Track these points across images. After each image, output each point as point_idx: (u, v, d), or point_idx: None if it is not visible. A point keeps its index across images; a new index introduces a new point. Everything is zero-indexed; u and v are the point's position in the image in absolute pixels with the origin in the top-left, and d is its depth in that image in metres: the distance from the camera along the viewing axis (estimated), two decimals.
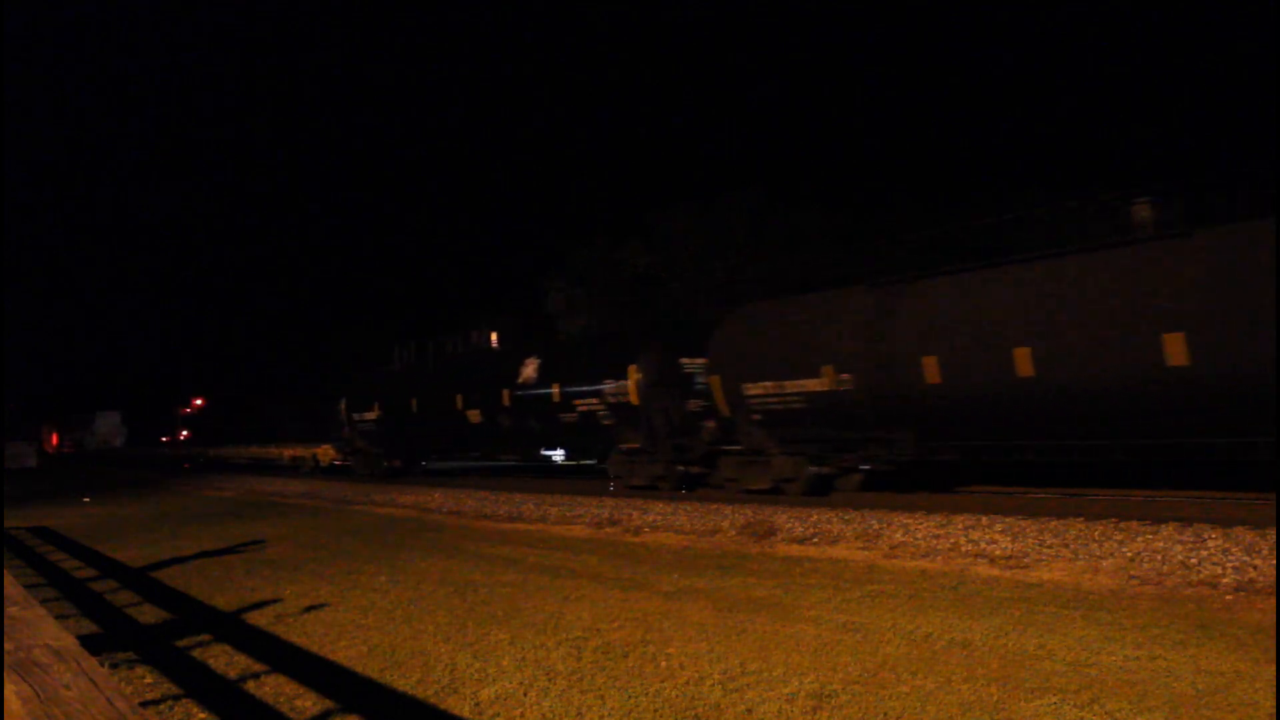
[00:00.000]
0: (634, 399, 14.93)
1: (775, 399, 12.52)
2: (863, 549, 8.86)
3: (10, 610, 2.73)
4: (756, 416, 12.87)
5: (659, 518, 11.72)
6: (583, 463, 23.46)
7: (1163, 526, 8.34)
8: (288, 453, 30.92)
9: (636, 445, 15.26)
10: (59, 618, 4.70)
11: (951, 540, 8.73)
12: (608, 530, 11.34)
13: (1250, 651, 4.83)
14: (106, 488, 26.38)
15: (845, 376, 11.56)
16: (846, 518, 10.33)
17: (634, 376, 14.93)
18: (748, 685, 4.58)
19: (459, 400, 19.22)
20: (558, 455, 24.31)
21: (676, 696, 4.45)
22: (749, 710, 4.21)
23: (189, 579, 8.68)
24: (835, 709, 4.18)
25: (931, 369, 10.61)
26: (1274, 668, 4.46)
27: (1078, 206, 11.92)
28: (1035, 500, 11.29)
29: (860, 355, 11.43)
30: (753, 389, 12.79)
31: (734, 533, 10.28)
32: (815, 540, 9.48)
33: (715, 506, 12.14)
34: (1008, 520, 9.26)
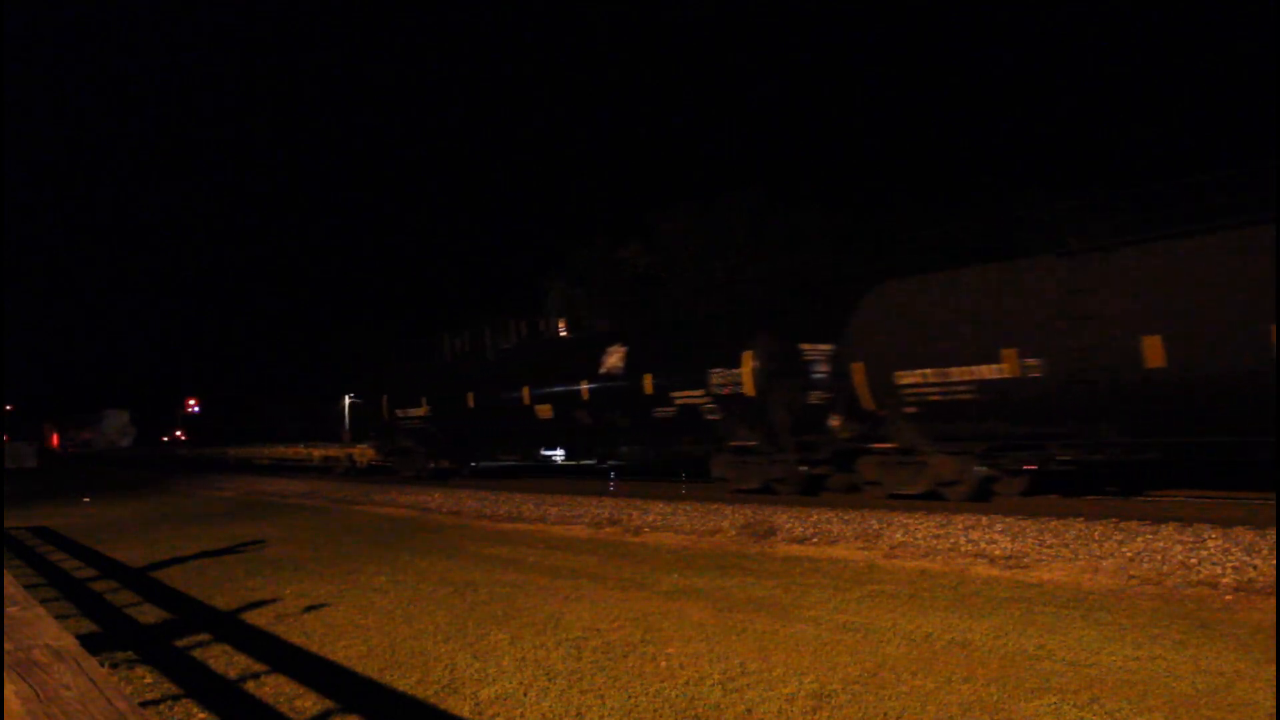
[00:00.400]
0: (750, 390, 13.17)
1: (937, 389, 10.89)
2: (863, 549, 8.86)
3: (10, 610, 2.73)
4: (911, 409, 11.24)
5: (659, 518, 11.72)
6: (582, 463, 22.90)
7: (1163, 526, 8.34)
8: (317, 453, 28.55)
9: (750, 443, 13.49)
10: (59, 618, 4.69)
11: (951, 540, 8.73)
12: (608, 530, 11.34)
13: (1250, 651, 4.83)
14: (106, 488, 26.38)
15: (1032, 361, 9.97)
16: (846, 518, 10.33)
17: (750, 364, 13.16)
18: (748, 685, 4.58)
19: (525, 394, 17.41)
20: (557, 455, 23.67)
21: (676, 696, 4.45)
22: (749, 710, 4.21)
23: (189, 579, 8.68)
24: (835, 709, 4.18)
25: (1154, 351, 9.09)
26: (1274, 668, 4.46)
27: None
28: (1035, 500, 11.29)
29: (1054, 336, 9.80)
30: (907, 378, 11.14)
31: (734, 533, 10.28)
32: (815, 540, 9.47)
33: (715, 506, 12.13)
34: (1008, 520, 9.26)
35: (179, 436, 59.59)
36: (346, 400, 59.54)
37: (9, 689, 1.84)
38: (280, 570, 9.03)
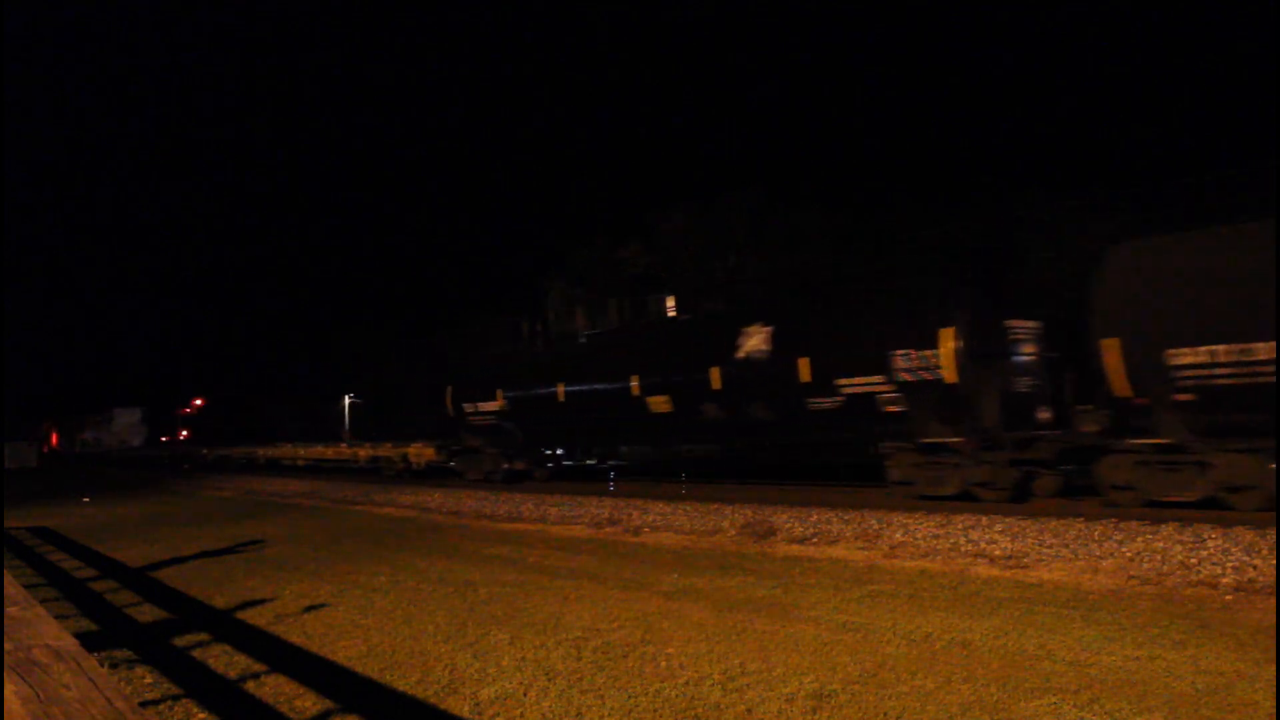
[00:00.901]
0: (951, 375, 10.95)
1: (1228, 371, 8.94)
2: (863, 549, 8.86)
3: (10, 610, 2.73)
4: (1186, 396, 9.31)
5: (659, 518, 11.72)
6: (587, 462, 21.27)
7: (1163, 526, 8.34)
8: (364, 453, 25.35)
9: (949, 439, 11.34)
10: (59, 618, 4.69)
11: (951, 540, 8.73)
12: (608, 530, 11.34)
13: (1250, 651, 4.83)
14: (106, 488, 26.38)
15: None
16: (846, 518, 10.33)
17: (949, 344, 10.93)
18: (748, 685, 4.58)
19: (634, 384, 14.99)
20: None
21: (676, 696, 4.45)
22: (749, 710, 4.21)
23: (189, 579, 8.67)
24: (835, 709, 4.18)
25: None
26: (1274, 668, 4.46)
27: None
28: (1035, 500, 11.28)
29: None
30: (1185, 356, 9.22)
31: (734, 533, 10.28)
32: (815, 540, 9.47)
33: (715, 506, 12.12)
34: (1008, 520, 9.26)
35: (179, 437, 58.79)
36: (346, 400, 59.56)
37: (9, 689, 1.83)
38: (280, 570, 9.02)
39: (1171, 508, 9.42)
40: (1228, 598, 6.18)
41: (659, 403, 14.80)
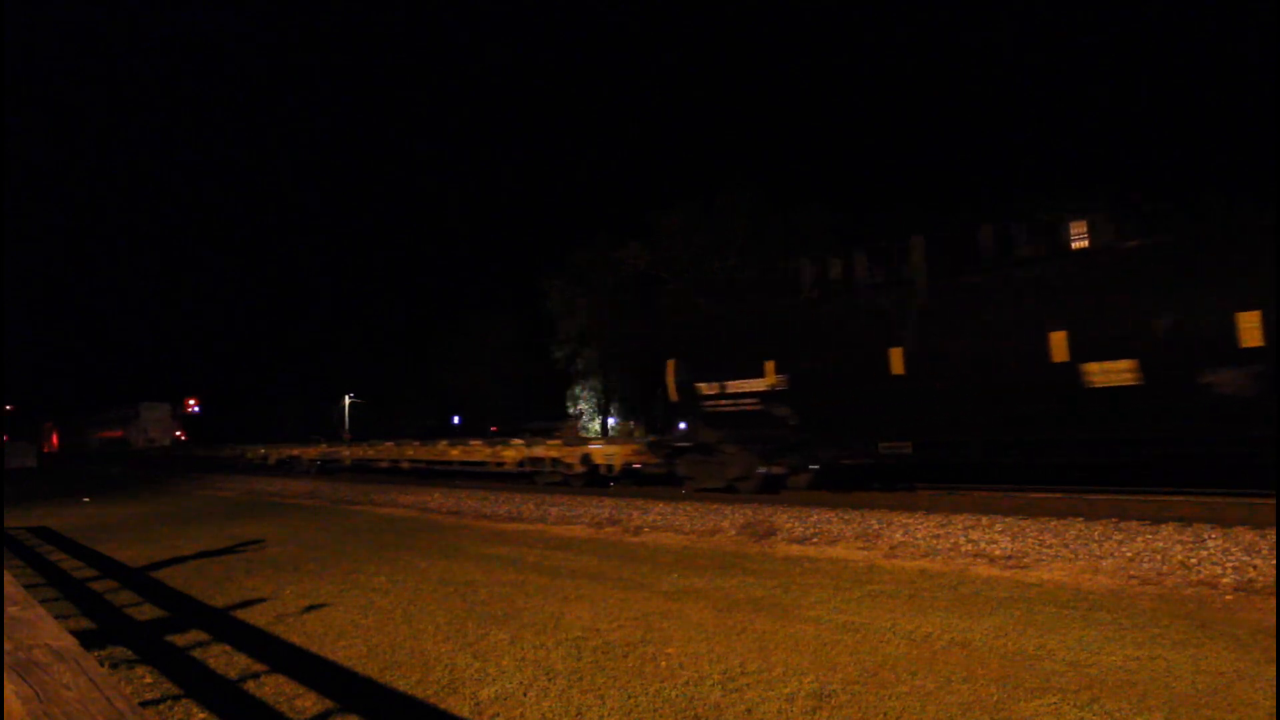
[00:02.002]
0: None
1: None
2: (863, 549, 8.86)
3: (10, 610, 2.73)
4: None
5: (659, 518, 11.72)
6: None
7: (1163, 526, 8.34)
8: (510, 454, 19.46)
9: None
10: (59, 617, 4.69)
11: (951, 540, 8.73)
12: (608, 530, 11.34)
13: (1250, 651, 4.83)
14: (106, 488, 26.39)
15: None
16: (846, 518, 10.33)
17: None
18: (748, 685, 4.58)
19: (1058, 344, 10.10)
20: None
21: (676, 696, 4.45)
22: (749, 710, 4.21)
23: (189, 578, 8.68)
24: (835, 709, 4.18)
25: None
26: (1274, 668, 4.46)
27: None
28: (1035, 500, 11.29)
29: None
30: None
31: (734, 533, 10.28)
32: (815, 540, 9.47)
33: (715, 506, 12.13)
34: (1008, 520, 9.26)
35: (179, 437, 58.18)
36: (347, 400, 59.60)
37: (9, 689, 1.84)
38: (280, 570, 9.02)
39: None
40: (1228, 598, 6.18)
41: (1109, 372, 9.81)
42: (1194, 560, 7.16)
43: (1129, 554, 7.54)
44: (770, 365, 13.19)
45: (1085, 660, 4.79)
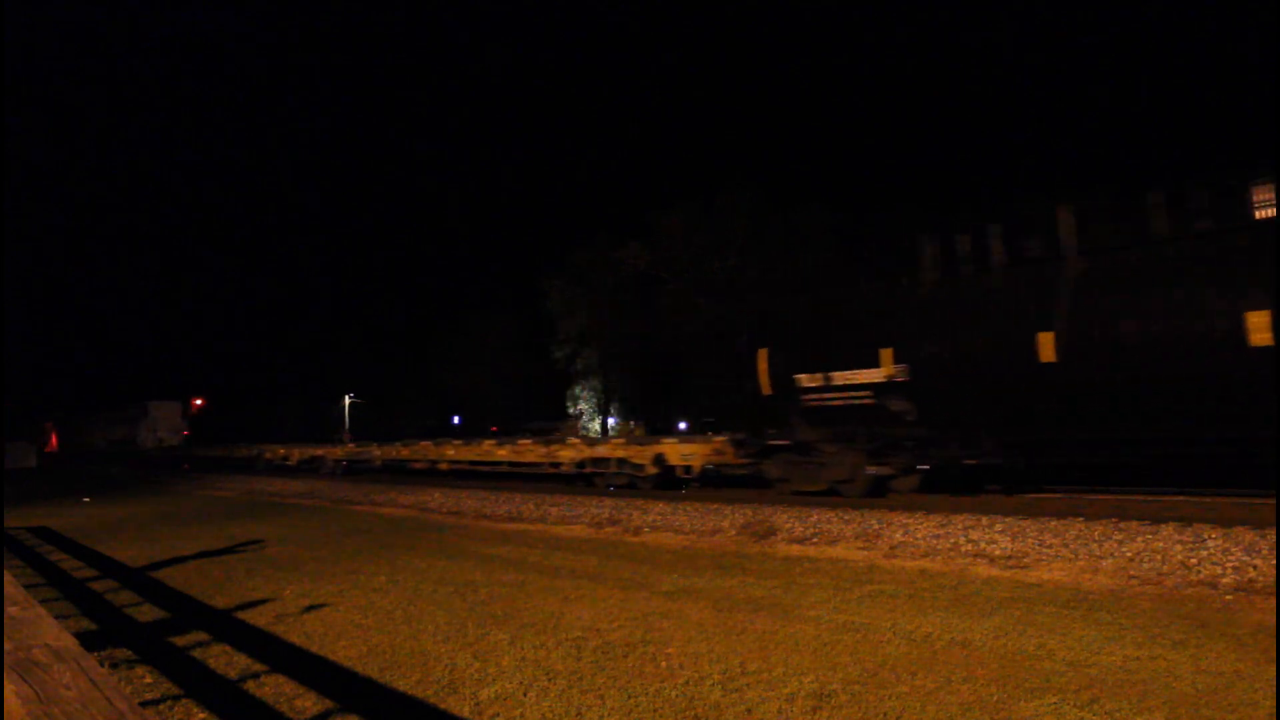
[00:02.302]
0: None
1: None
2: (863, 549, 8.86)
3: (10, 610, 2.73)
4: None
5: (659, 518, 11.72)
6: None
7: (1162, 526, 8.34)
8: (567, 453, 17.46)
9: None
10: (59, 617, 4.69)
11: (951, 540, 8.73)
12: (608, 530, 11.34)
13: (1250, 651, 4.83)
14: (106, 488, 26.38)
15: None
16: (846, 518, 10.33)
17: None
18: (748, 685, 4.58)
19: (1252, 327, 8.59)
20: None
21: (676, 696, 4.45)
22: (749, 710, 4.21)
23: (189, 579, 8.68)
24: (835, 709, 4.18)
25: None
26: (1274, 668, 4.46)
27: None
28: (1035, 500, 11.29)
29: None
30: None
31: (734, 533, 10.28)
32: (815, 540, 9.47)
33: (715, 506, 12.13)
34: (1008, 520, 9.26)
35: (185, 435, 57.64)
36: (347, 400, 59.62)
37: (9, 689, 1.84)
38: (280, 570, 9.02)
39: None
40: (1228, 598, 6.18)
41: None
42: (1194, 560, 7.16)
43: (1129, 554, 7.54)
44: (887, 354, 11.71)
45: (1085, 660, 4.79)
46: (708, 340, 16.60)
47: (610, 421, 51.32)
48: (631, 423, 50.15)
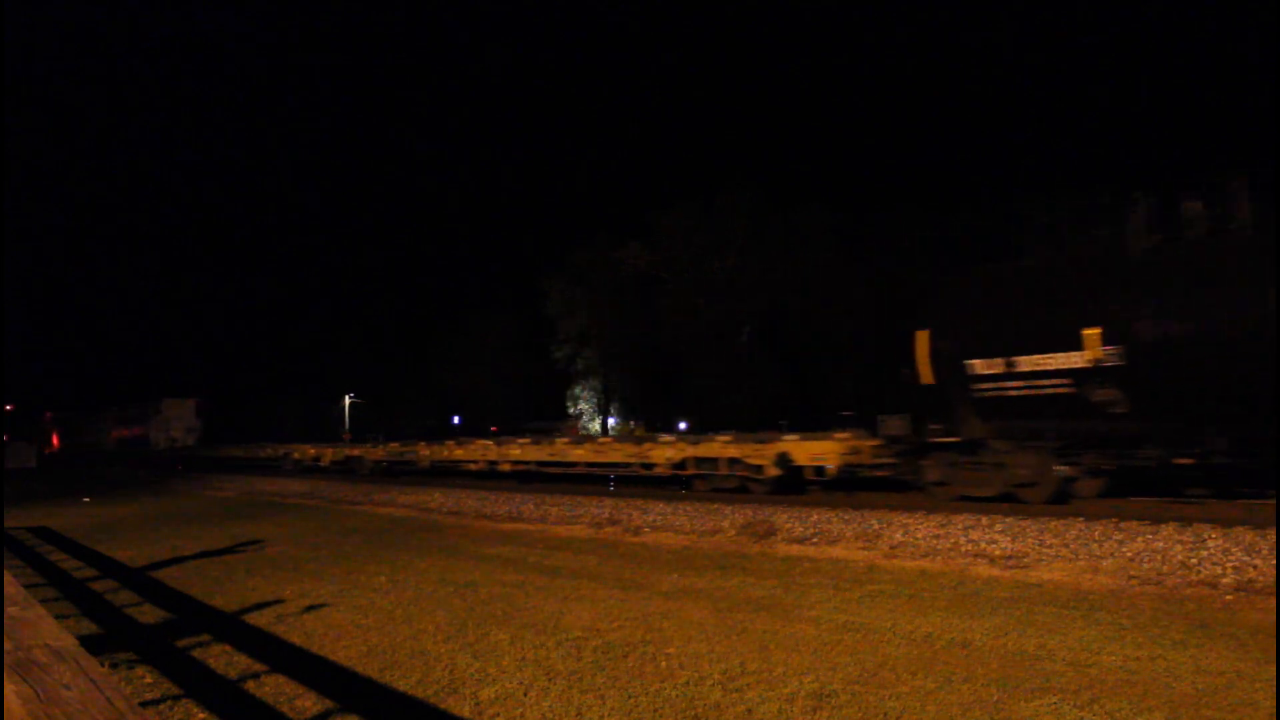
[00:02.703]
0: None
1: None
2: (863, 549, 8.86)
3: (10, 610, 2.73)
4: None
5: (659, 518, 11.72)
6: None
7: (1163, 526, 8.34)
8: (663, 453, 15.32)
9: None
10: (59, 617, 4.70)
11: (951, 540, 8.73)
12: (608, 530, 11.34)
13: (1250, 651, 4.83)
14: (106, 488, 26.39)
15: None
16: (846, 518, 10.33)
17: None
18: (748, 685, 4.58)
19: None
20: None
21: (676, 696, 4.45)
22: (749, 710, 4.21)
23: (189, 579, 8.68)
24: (835, 709, 4.18)
25: None
26: (1274, 668, 4.46)
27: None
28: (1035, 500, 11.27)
29: None
30: None
31: (734, 533, 10.28)
32: (815, 540, 9.47)
33: (715, 506, 12.13)
34: (1008, 520, 9.26)
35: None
36: (347, 400, 59.63)
37: (9, 689, 1.83)
38: (280, 570, 9.02)
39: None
40: (1228, 598, 6.18)
41: None
42: (1194, 560, 7.16)
43: (1129, 554, 7.54)
44: (1093, 334, 9.90)
45: (1085, 660, 4.79)
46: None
47: (610, 421, 51.34)
48: (632, 422, 50.18)
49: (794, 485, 13.51)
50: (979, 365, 10.84)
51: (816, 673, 4.74)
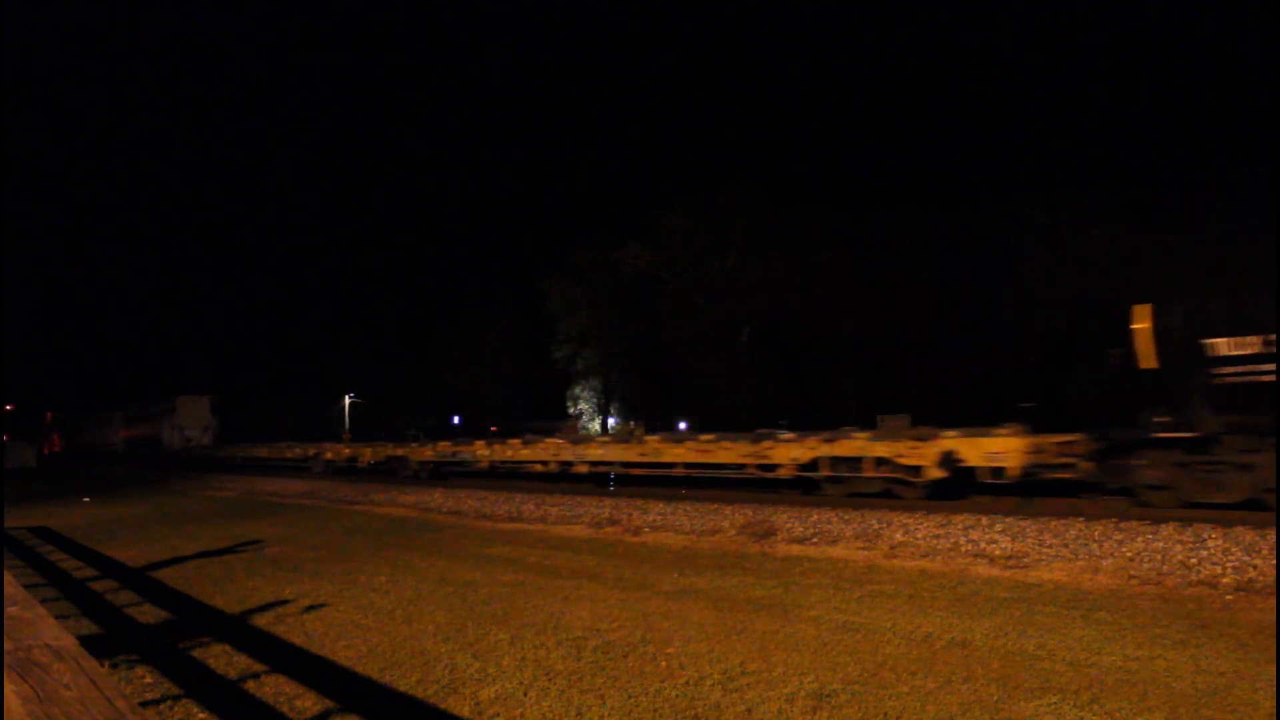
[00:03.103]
0: None
1: None
2: (863, 549, 8.86)
3: (10, 610, 2.73)
4: None
5: (659, 518, 11.72)
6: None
7: (1162, 526, 8.34)
8: (787, 453, 13.45)
9: None
10: (59, 617, 4.70)
11: (951, 540, 8.73)
12: (608, 530, 11.34)
13: (1250, 651, 4.83)
14: (106, 488, 26.38)
15: None
16: (846, 518, 10.33)
17: None
18: (748, 685, 4.58)
19: None
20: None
21: (676, 696, 4.45)
22: (749, 710, 4.21)
23: (189, 579, 8.67)
24: (835, 709, 4.18)
25: None
26: (1274, 668, 4.46)
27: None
28: (1035, 500, 11.28)
29: None
30: None
31: (734, 533, 10.28)
32: (815, 540, 9.47)
33: (715, 506, 12.13)
34: (1008, 520, 9.26)
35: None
36: (347, 400, 59.61)
37: (9, 689, 1.83)
38: (280, 570, 9.02)
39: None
40: (1228, 598, 6.18)
41: None
42: (1194, 560, 7.16)
43: (1129, 554, 7.54)
44: None
45: (1085, 660, 4.79)
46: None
47: (610, 421, 51.34)
48: (632, 422, 50.17)
49: (954, 490, 11.97)
50: (1223, 345, 9.20)
51: (816, 673, 4.74)
